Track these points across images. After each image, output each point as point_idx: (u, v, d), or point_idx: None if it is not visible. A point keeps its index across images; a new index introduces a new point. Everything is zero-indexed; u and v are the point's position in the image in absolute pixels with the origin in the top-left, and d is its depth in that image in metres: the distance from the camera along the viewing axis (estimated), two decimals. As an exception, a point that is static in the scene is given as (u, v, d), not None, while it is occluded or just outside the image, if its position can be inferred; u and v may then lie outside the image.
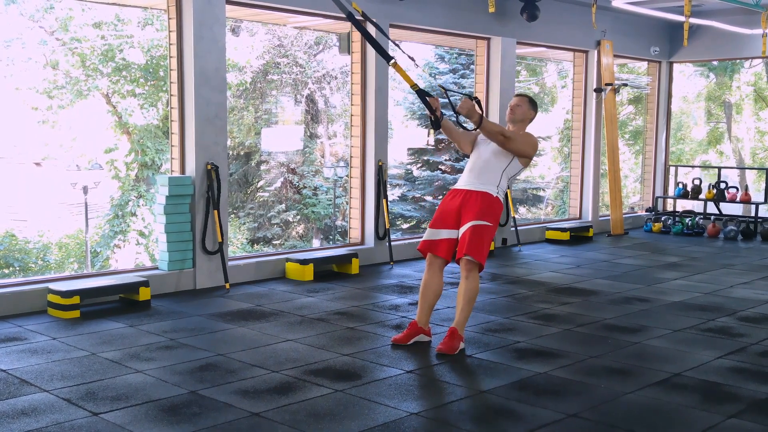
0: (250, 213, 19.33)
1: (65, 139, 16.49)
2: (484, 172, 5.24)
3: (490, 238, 5.20)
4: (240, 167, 18.83)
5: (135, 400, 4.07)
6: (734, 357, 5.09)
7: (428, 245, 5.25)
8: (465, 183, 5.27)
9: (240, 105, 17.96)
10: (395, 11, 8.45)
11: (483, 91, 9.80)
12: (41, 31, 14.42)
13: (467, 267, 5.12)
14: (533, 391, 4.32)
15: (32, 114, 15.79)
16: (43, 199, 20.20)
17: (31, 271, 17.05)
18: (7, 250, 17.30)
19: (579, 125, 11.20)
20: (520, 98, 5.48)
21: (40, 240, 18.31)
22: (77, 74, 14.82)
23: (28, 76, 14.99)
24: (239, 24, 15.54)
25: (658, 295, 7.02)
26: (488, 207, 5.14)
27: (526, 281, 7.68)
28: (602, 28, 10.92)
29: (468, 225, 5.08)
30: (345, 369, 4.67)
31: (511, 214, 9.89)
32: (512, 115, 5.40)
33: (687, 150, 23.18)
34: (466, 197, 5.19)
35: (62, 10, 13.86)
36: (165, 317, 5.99)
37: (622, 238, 10.95)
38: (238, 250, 16.30)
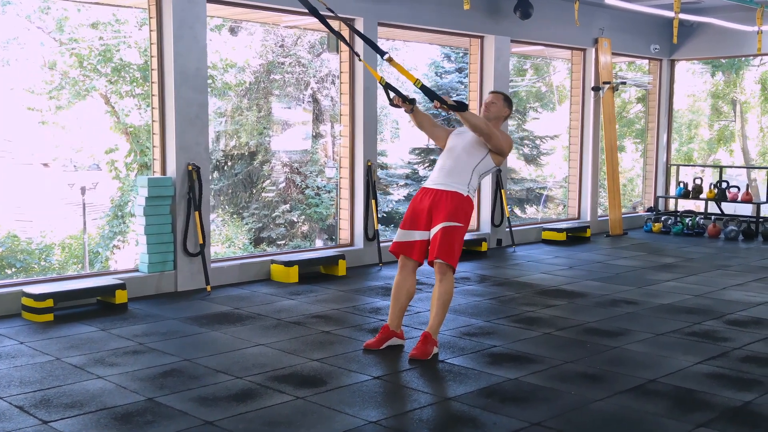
0: (254, 213, 19.29)
1: (64, 139, 16.47)
2: (454, 170, 5.11)
3: (462, 238, 5.08)
4: (245, 167, 18.79)
5: (89, 407, 3.99)
6: (714, 362, 4.95)
7: (400, 247, 5.14)
8: (435, 182, 5.14)
9: (244, 105, 17.91)
10: (383, 9, 8.34)
11: (477, 90, 9.68)
12: (39, 31, 14.41)
13: (440, 270, 5.01)
14: (500, 399, 4.21)
15: (33, 115, 15.78)
16: (48, 199, 20.24)
17: (33, 271, 17.07)
18: (9, 251, 17.33)
19: (577, 124, 11.05)
20: (495, 95, 5.36)
21: (42, 241, 18.33)
22: (75, 75, 14.79)
23: (28, 77, 14.98)
24: (238, 24, 15.48)
25: (646, 298, 6.88)
26: (459, 207, 5.02)
27: (515, 283, 7.55)
28: (600, 26, 10.77)
29: (439, 227, 4.97)
30: (311, 375, 4.58)
31: (506, 215, 9.75)
32: (486, 113, 5.26)
33: (696, 149, 22.93)
34: (437, 197, 5.06)
35: (57, 11, 13.83)
36: (139, 321, 5.91)
37: (621, 239, 10.79)
38: (239, 251, 16.23)
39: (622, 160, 22.72)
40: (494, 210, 9.71)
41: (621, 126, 22.24)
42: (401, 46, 17.81)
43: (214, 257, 7.87)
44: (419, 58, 19.80)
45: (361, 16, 8.17)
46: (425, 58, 19.91)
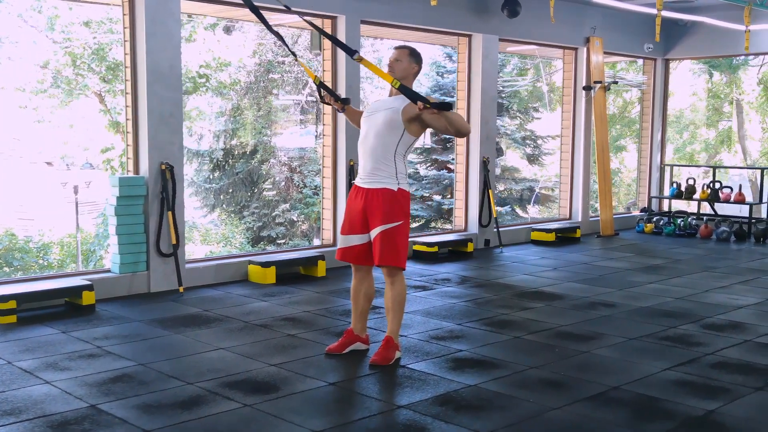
0: (254, 212, 19.21)
1: (58, 138, 16.44)
2: (376, 164, 4.73)
3: (405, 236, 4.81)
4: (245, 166, 18.71)
5: (27, 414, 3.89)
6: (683, 368, 4.82)
7: (344, 253, 4.94)
8: (363, 180, 4.82)
9: (244, 104, 17.82)
10: (366, 7, 8.21)
11: (464, 90, 9.54)
12: (32, 30, 14.37)
13: (389, 274, 4.82)
14: (454, 407, 4.08)
15: (29, 114, 15.74)
16: (48, 198, 20.25)
17: (31, 269, 17.04)
18: (7, 249, 17.31)
19: (569, 124, 10.90)
20: (399, 51, 4.77)
21: (40, 239, 18.31)
22: (68, 73, 14.74)
23: (22, 76, 14.93)
24: (233, 23, 15.38)
25: (625, 300, 6.75)
26: (393, 205, 4.73)
27: (495, 285, 7.42)
28: (591, 25, 10.61)
29: (377, 231, 4.73)
30: (265, 381, 4.46)
31: (493, 215, 9.62)
32: (391, 73, 4.71)
33: (698, 149, 22.70)
34: (368, 198, 4.77)
35: (48, 9, 13.78)
36: (103, 323, 5.81)
37: (611, 240, 10.64)
38: (234, 250, 16.14)
39: (624, 160, 22.55)
40: (482, 210, 9.58)
41: (622, 126, 22.05)
42: (402, 46, 17.67)
43: (190, 258, 7.74)
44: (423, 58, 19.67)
45: (343, 13, 8.05)
46: (426, 57, 19.80)
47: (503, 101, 18.46)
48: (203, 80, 15.22)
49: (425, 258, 8.70)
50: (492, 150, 9.65)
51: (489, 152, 9.60)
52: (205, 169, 18.20)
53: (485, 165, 9.51)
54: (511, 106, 18.95)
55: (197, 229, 17.58)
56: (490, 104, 9.57)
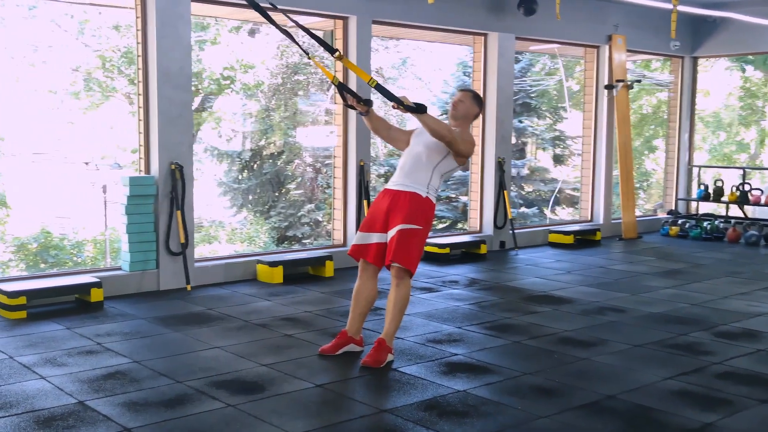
0: (281, 212, 19.31)
1: (90, 139, 16.69)
2: (414, 170, 4.92)
3: (421, 242, 4.88)
4: (272, 167, 18.82)
5: (17, 409, 3.94)
6: (686, 378, 4.71)
7: (358, 250, 4.99)
8: (395, 183, 4.97)
9: (271, 105, 17.92)
10: (378, 7, 8.19)
11: (480, 89, 9.46)
12: (65, 34, 14.61)
13: (397, 275, 4.84)
14: (439, 412, 4.04)
15: (61, 115, 16.01)
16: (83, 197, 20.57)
17: (66, 266, 17.33)
18: (42, 246, 17.63)
19: (590, 124, 10.77)
20: (464, 93, 5.13)
21: (74, 237, 18.62)
22: (98, 76, 14.97)
23: (55, 79, 15.19)
24: (258, 26, 15.45)
25: (637, 306, 6.63)
26: (417, 209, 4.83)
27: (503, 288, 7.35)
28: (614, 23, 10.46)
29: (396, 229, 4.80)
30: (254, 381, 4.46)
31: (508, 217, 9.53)
32: (454, 111, 5.06)
33: (735, 150, 22.26)
34: (395, 198, 4.88)
35: (78, 14, 14.01)
36: (108, 320, 5.87)
37: (633, 243, 10.48)
38: (257, 249, 16.22)
39: (658, 160, 22.19)
40: (497, 211, 9.50)
41: (656, 126, 21.72)
42: (426, 47, 17.62)
43: (200, 257, 7.79)
44: (448, 58, 19.60)
45: (354, 14, 8.04)
46: (453, 57, 19.71)
47: (531, 101, 18.32)
48: (227, 82, 15.32)
49: (436, 259, 8.64)
50: (508, 151, 9.56)
51: (505, 153, 9.51)
52: (234, 170, 18.36)
53: (500, 166, 9.43)
54: (539, 106, 18.79)
55: (223, 228, 17.71)
56: (506, 104, 9.48)
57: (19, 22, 14.34)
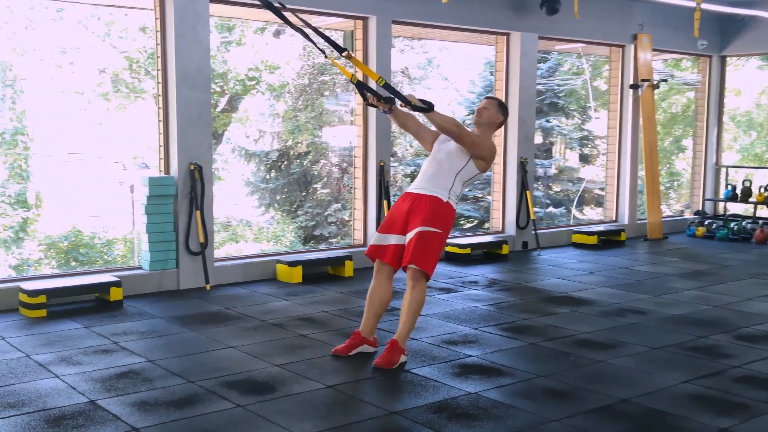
0: (308, 211, 19.38)
1: (118, 139, 16.87)
2: (436, 175, 4.94)
3: (440, 246, 4.87)
4: (299, 167, 18.90)
5: (29, 408, 3.98)
6: (704, 382, 4.63)
7: (375, 251, 4.99)
8: (416, 186, 4.98)
9: (298, 105, 17.98)
10: (398, 7, 8.16)
11: (502, 89, 9.41)
12: (92, 36, 14.77)
13: (413, 276, 4.82)
14: (447, 415, 4.01)
15: (90, 116, 16.20)
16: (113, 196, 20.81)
17: (96, 264, 17.55)
18: (73, 245, 17.87)
19: (615, 123, 10.65)
20: (489, 101, 5.15)
21: (104, 235, 18.85)
22: (126, 77, 15.11)
23: (83, 80, 15.36)
24: (283, 28, 15.49)
25: (658, 307, 6.54)
26: (437, 213, 4.83)
27: (522, 288, 7.30)
28: (639, 22, 10.34)
29: (415, 231, 4.78)
30: (265, 381, 4.47)
31: (531, 217, 9.46)
32: (478, 118, 5.09)
33: (766, 150, 21.89)
34: (416, 201, 4.89)
35: (104, 16, 14.15)
36: (126, 319, 5.92)
37: (659, 244, 10.34)
38: (283, 248, 16.29)
39: (687, 160, 21.89)
40: (519, 212, 9.43)
41: (685, 125, 21.45)
42: (452, 47, 17.56)
43: (222, 256, 7.83)
44: (474, 58, 19.51)
45: (373, 14, 8.02)
46: (481, 57, 19.61)
47: (559, 101, 18.19)
48: (252, 83, 15.39)
49: (457, 260, 8.60)
50: (530, 151, 9.49)
51: (527, 153, 9.44)
52: (261, 169, 18.46)
53: (523, 166, 9.36)
54: (567, 106, 18.65)
55: (250, 227, 17.80)
56: (529, 104, 9.41)
57: (48, 25, 14.52)
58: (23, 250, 15.55)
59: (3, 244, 14.95)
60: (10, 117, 14.79)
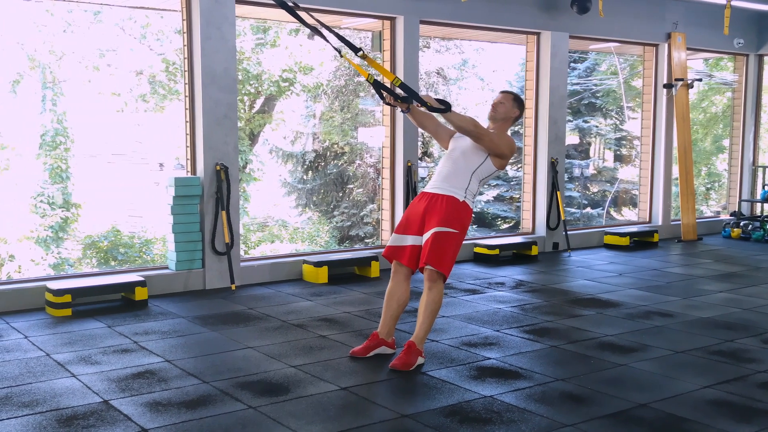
0: (344, 212, 19.43)
1: (154, 140, 17.08)
2: (452, 174, 4.89)
3: (456, 246, 4.83)
4: (335, 167, 18.95)
5: (43, 407, 4.03)
6: (726, 387, 4.52)
7: (392, 252, 4.96)
8: (432, 186, 4.94)
9: (334, 107, 18.03)
10: (425, 7, 8.12)
11: (533, 89, 9.32)
12: (128, 38, 14.97)
13: (430, 278, 4.79)
14: (460, 418, 3.97)
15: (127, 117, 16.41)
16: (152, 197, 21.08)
17: (135, 263, 17.79)
18: (112, 244, 18.15)
19: (649, 123, 10.49)
20: (504, 95, 5.09)
21: (143, 235, 19.10)
22: (162, 79, 15.28)
23: (120, 82, 15.57)
24: (317, 30, 15.55)
25: (686, 310, 6.42)
26: (454, 213, 4.79)
27: (549, 290, 7.21)
28: (673, 20, 10.16)
29: (431, 232, 4.75)
30: (279, 382, 4.47)
31: (561, 218, 9.35)
32: (493, 113, 5.03)
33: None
34: (432, 201, 4.85)
35: (140, 18, 14.33)
36: (149, 318, 5.97)
37: (692, 245, 10.16)
38: (317, 247, 16.34)
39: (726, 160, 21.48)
40: (549, 212, 9.33)
41: (725, 125, 21.05)
42: (487, 47, 17.45)
43: (249, 256, 7.87)
44: (511, 58, 19.37)
45: (401, 14, 8.00)
46: (516, 57, 19.47)
47: (597, 101, 17.99)
48: (286, 84, 15.46)
49: (486, 261, 8.54)
50: (561, 151, 9.38)
51: (558, 153, 9.33)
52: (298, 170, 18.55)
53: (554, 166, 9.26)
54: (604, 106, 18.43)
55: (286, 228, 17.89)
56: (560, 104, 9.30)
57: (85, 28, 14.75)
58: (62, 250, 15.81)
59: (43, 243, 15.21)
60: (51, 119, 15.02)
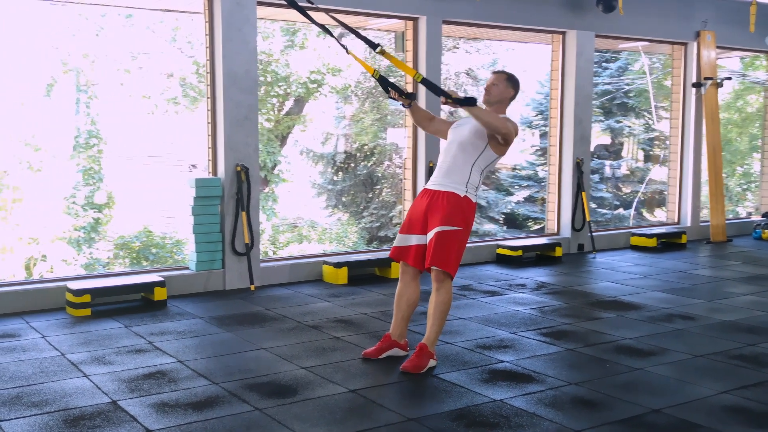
0: (373, 213, 19.44)
1: (184, 142, 17.24)
2: (452, 169, 4.78)
3: (461, 244, 4.75)
4: (364, 168, 18.97)
5: (52, 407, 4.06)
6: (743, 392, 4.42)
7: (398, 252, 4.92)
8: (433, 182, 4.86)
9: (364, 108, 18.04)
10: (448, 7, 8.07)
11: (558, 89, 9.22)
12: (159, 41, 15.12)
13: (436, 278, 4.74)
14: (466, 422, 3.92)
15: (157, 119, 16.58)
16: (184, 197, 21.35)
17: (166, 263, 17.97)
18: (144, 245, 18.36)
19: (677, 123, 10.32)
20: (497, 75, 4.88)
21: (174, 235, 19.29)
22: (192, 80, 15.42)
23: (151, 84, 15.73)
24: (345, 32, 15.56)
25: (709, 313, 6.29)
26: (456, 209, 4.70)
27: (570, 292, 7.12)
28: (702, 19, 9.99)
29: (434, 231, 4.70)
30: (288, 384, 4.46)
31: (586, 218, 9.24)
32: (487, 96, 4.85)
33: None
34: (433, 199, 4.78)
35: (169, 21, 14.46)
36: (167, 319, 6.00)
37: (722, 246, 9.97)
38: (344, 248, 16.34)
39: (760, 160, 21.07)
40: (574, 213, 9.22)
41: (760, 125, 20.66)
42: (517, 47, 17.31)
43: (270, 257, 7.88)
44: (542, 58, 19.21)
45: (424, 14, 7.96)
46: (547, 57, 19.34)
47: (629, 100, 17.78)
48: (315, 85, 15.50)
49: (508, 262, 8.46)
50: (587, 151, 9.27)
51: (583, 153, 9.22)
52: (329, 171, 18.59)
53: (579, 166, 9.15)
54: (637, 106, 18.20)
55: (314, 228, 17.93)
56: (585, 103, 9.19)
57: (117, 31, 14.93)
58: (94, 250, 16.01)
59: (75, 243, 15.41)
60: (84, 121, 15.22)
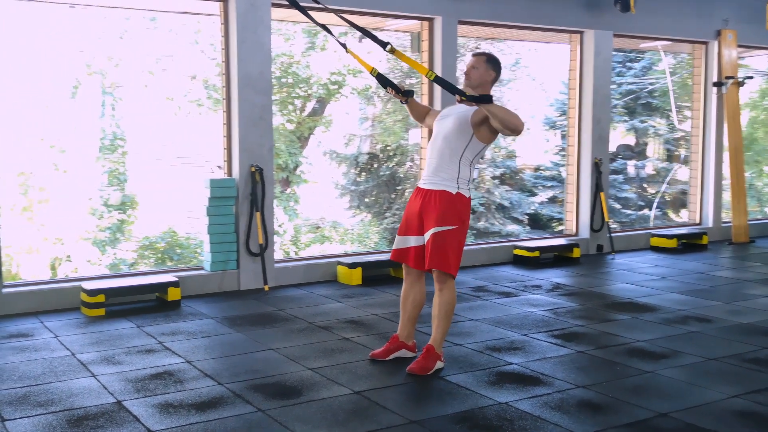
0: (395, 213, 19.44)
1: (207, 144, 17.33)
2: (440, 166, 4.69)
3: (458, 242, 4.69)
4: (387, 169, 18.98)
5: (57, 407, 4.09)
6: (755, 397, 4.35)
7: (398, 254, 4.89)
8: (424, 180, 4.80)
9: (387, 109, 18.03)
10: (464, 7, 8.03)
11: (576, 88, 9.14)
12: (182, 43, 15.22)
13: (438, 279, 4.71)
14: (470, 425, 3.89)
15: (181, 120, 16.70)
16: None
17: (190, 263, 18.10)
18: (169, 245, 18.51)
19: (698, 123, 10.20)
20: (476, 58, 4.71)
21: (198, 236, 19.43)
22: (215, 82, 15.49)
23: (174, 86, 15.84)
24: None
25: (726, 315, 6.20)
26: (449, 208, 4.64)
27: (586, 293, 7.05)
28: (723, 17, 9.85)
29: (429, 233, 4.65)
30: (293, 385, 4.46)
31: (605, 219, 9.15)
32: (468, 80, 4.69)
33: None
34: (426, 198, 4.72)
35: (191, 23, 14.56)
36: (179, 319, 6.03)
37: (744, 247, 9.83)
38: (366, 248, 16.34)
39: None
40: (593, 214, 9.13)
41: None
42: (540, 48, 17.20)
43: (283, 257, 7.89)
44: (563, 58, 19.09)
45: (439, 15, 7.93)
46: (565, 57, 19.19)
47: (653, 100, 17.61)
48: (335, 87, 15.52)
49: (525, 263, 8.40)
50: (605, 151, 9.18)
51: (602, 153, 9.14)
52: (352, 172, 18.61)
53: (597, 167, 9.06)
54: (662, 106, 18.01)
55: (336, 229, 17.95)
56: (603, 103, 9.11)
57: (141, 34, 15.06)
58: (118, 251, 16.16)
59: (100, 244, 15.55)
60: (110, 123, 15.36)
